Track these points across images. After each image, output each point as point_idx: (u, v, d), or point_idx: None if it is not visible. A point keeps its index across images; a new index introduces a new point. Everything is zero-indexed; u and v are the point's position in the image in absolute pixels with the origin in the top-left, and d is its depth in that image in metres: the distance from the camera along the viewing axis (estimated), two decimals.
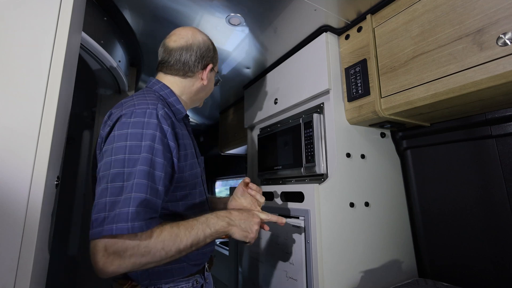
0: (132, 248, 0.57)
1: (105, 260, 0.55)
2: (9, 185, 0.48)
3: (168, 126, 0.69)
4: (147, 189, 0.60)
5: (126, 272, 0.60)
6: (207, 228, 0.69)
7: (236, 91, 1.83)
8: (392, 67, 0.91)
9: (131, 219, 0.56)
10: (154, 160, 0.63)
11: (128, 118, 0.66)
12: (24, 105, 0.52)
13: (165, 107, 0.74)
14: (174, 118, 0.77)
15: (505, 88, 0.70)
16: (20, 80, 0.52)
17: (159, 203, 0.63)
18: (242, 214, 0.77)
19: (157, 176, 0.63)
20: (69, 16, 0.58)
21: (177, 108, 0.82)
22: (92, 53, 1.01)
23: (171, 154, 0.69)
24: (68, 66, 0.60)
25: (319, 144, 1.10)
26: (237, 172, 2.77)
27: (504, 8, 0.65)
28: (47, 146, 0.52)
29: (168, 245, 0.61)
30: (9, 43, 0.52)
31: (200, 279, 0.82)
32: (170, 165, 0.68)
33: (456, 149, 1.05)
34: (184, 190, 0.77)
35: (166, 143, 0.68)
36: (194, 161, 0.82)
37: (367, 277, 0.99)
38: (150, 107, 0.69)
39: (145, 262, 0.59)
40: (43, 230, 0.54)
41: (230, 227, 0.73)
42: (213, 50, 0.92)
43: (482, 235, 0.97)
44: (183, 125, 0.87)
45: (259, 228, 0.78)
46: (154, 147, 0.64)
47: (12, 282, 0.46)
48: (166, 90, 0.83)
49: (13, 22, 0.53)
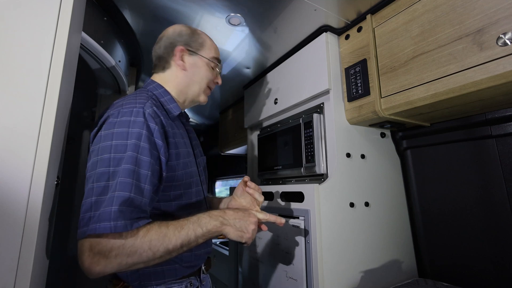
0: (117, 248, 0.56)
1: (91, 260, 0.55)
2: (9, 185, 0.48)
3: (156, 125, 0.68)
4: (131, 188, 0.59)
5: (114, 272, 0.59)
6: (198, 228, 0.66)
7: (236, 91, 1.83)
8: (392, 67, 0.91)
9: (113, 218, 0.55)
10: (139, 158, 0.62)
11: (115, 118, 0.66)
12: (24, 105, 0.52)
13: (156, 106, 0.73)
14: (167, 117, 0.77)
15: (505, 88, 0.70)
16: (20, 80, 0.52)
17: (146, 202, 0.62)
18: (237, 213, 0.73)
19: (142, 174, 0.62)
20: (69, 16, 0.58)
21: (170, 107, 0.81)
22: (92, 53, 1.01)
23: (158, 152, 0.68)
24: (68, 66, 0.60)
25: (319, 144, 1.10)
26: (237, 172, 2.77)
27: (504, 8, 0.65)
28: (47, 146, 0.52)
29: (156, 245, 0.60)
30: (9, 43, 0.52)
31: (195, 281, 0.80)
32: (157, 163, 0.67)
33: (456, 149, 1.05)
34: (178, 189, 0.75)
35: (153, 142, 0.67)
36: (190, 160, 0.80)
37: (367, 277, 0.99)
38: (137, 105, 0.68)
39: (132, 262, 0.58)
40: (43, 230, 0.54)
41: (223, 226, 0.70)
42: (188, 34, 0.87)
43: (482, 235, 0.97)
44: (179, 124, 0.86)
45: (256, 228, 0.75)
46: (140, 146, 0.63)
47: (12, 282, 0.46)
48: (160, 90, 0.83)
49: (13, 22, 0.53)
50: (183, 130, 0.88)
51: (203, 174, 0.91)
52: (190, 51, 0.86)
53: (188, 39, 0.87)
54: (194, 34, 0.88)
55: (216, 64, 0.90)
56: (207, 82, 0.88)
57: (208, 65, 0.88)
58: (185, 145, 0.82)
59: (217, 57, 0.91)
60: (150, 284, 0.72)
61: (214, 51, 0.90)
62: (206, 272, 0.87)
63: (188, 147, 0.84)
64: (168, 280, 0.74)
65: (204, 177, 0.91)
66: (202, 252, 0.81)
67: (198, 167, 0.88)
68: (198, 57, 0.86)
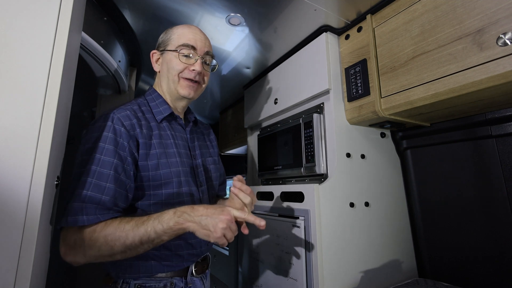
0: (80, 240, 0.62)
1: (64, 250, 0.63)
2: (9, 185, 0.48)
3: (122, 127, 0.72)
4: (90, 186, 0.64)
5: (86, 262, 0.65)
6: (158, 224, 0.64)
7: (236, 91, 1.83)
8: (392, 67, 0.91)
9: (73, 213, 0.62)
10: (102, 159, 0.67)
11: (92, 125, 0.73)
12: (24, 105, 0.52)
13: (135, 110, 0.79)
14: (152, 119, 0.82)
15: (505, 88, 0.70)
16: (20, 80, 0.52)
17: (107, 200, 0.66)
18: (207, 210, 0.66)
19: (104, 174, 0.66)
20: (69, 16, 0.58)
21: (159, 110, 0.85)
22: (92, 53, 1.01)
23: (125, 152, 0.71)
24: (68, 66, 0.60)
25: (319, 144, 1.10)
26: (237, 172, 2.76)
27: (504, 8, 0.65)
28: (47, 146, 0.52)
29: (112, 240, 0.62)
30: (9, 43, 0.52)
31: (178, 282, 0.79)
32: (126, 163, 0.71)
33: (456, 149, 1.05)
34: (157, 189, 0.77)
35: (119, 143, 0.71)
36: (173, 160, 0.80)
37: (367, 277, 0.99)
38: (113, 111, 0.74)
39: (94, 254, 0.63)
40: (43, 230, 0.54)
41: (187, 223, 0.64)
42: (161, 37, 0.90)
43: (482, 235, 0.97)
44: (175, 126, 0.88)
45: (227, 227, 0.64)
46: (105, 148, 0.68)
47: (12, 282, 0.46)
48: (154, 94, 0.89)
49: (13, 22, 0.53)
50: (179, 131, 0.89)
51: (202, 175, 0.90)
52: (161, 51, 0.88)
53: (160, 41, 0.90)
54: (166, 33, 0.89)
55: (187, 50, 0.83)
56: (176, 74, 0.84)
57: (176, 57, 0.83)
58: (173, 145, 0.83)
59: (186, 43, 0.83)
60: (126, 277, 0.74)
61: (184, 38, 0.84)
62: (197, 275, 0.84)
63: (179, 147, 0.85)
64: (143, 275, 0.75)
65: (203, 178, 0.91)
66: (185, 253, 0.79)
67: (196, 169, 0.88)
68: (166, 53, 0.86)
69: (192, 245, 0.81)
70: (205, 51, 0.86)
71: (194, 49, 0.84)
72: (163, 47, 0.87)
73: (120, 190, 0.69)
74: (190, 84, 0.85)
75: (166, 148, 0.81)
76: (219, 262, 1.71)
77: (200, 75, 0.86)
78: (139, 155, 0.75)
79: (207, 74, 0.91)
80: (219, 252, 1.62)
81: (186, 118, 0.97)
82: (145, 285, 0.75)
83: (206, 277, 0.92)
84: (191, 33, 0.85)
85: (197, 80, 0.86)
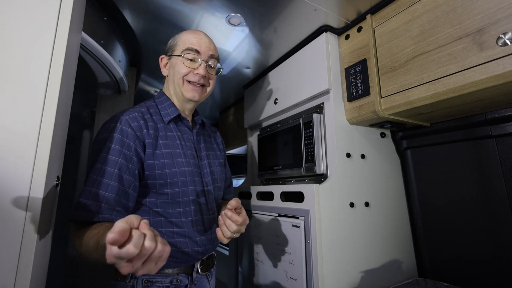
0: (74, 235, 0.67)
1: (73, 241, 0.67)
2: (9, 185, 0.48)
3: (129, 128, 0.75)
4: (95, 183, 0.67)
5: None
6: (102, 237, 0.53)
7: (236, 91, 1.83)
8: (392, 67, 0.91)
9: (76, 209, 0.66)
10: (108, 158, 0.70)
11: (102, 126, 0.77)
12: (24, 105, 0.52)
13: (143, 113, 0.82)
14: (160, 121, 0.85)
15: (505, 88, 0.70)
16: (20, 80, 0.52)
17: (111, 197, 0.68)
18: None
19: (108, 172, 0.69)
20: (69, 16, 0.58)
21: (167, 112, 0.88)
22: (92, 53, 1.01)
23: (131, 152, 0.74)
24: (68, 66, 0.60)
25: (319, 144, 1.10)
26: (237, 172, 2.77)
27: (504, 8, 0.65)
28: (47, 146, 0.52)
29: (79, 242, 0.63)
30: (9, 43, 0.52)
31: (184, 279, 0.80)
32: (131, 162, 0.74)
33: (456, 149, 1.05)
34: (163, 188, 0.79)
35: (127, 143, 0.74)
36: (179, 161, 0.83)
37: (367, 277, 0.99)
38: (123, 113, 0.78)
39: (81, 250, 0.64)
40: (43, 230, 0.54)
41: None
42: (169, 42, 0.93)
43: (482, 235, 0.97)
44: (182, 128, 0.90)
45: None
46: (111, 147, 0.71)
47: (12, 282, 0.46)
48: (162, 97, 0.91)
49: (13, 22, 0.53)
50: (186, 133, 0.91)
51: (208, 176, 0.91)
52: (168, 56, 0.91)
53: (168, 46, 0.93)
54: (174, 38, 0.92)
55: (192, 54, 0.85)
56: (181, 77, 0.86)
57: (182, 61, 0.86)
58: (179, 146, 0.85)
59: (190, 47, 0.85)
60: None
61: (188, 43, 0.86)
62: (202, 273, 0.86)
63: (185, 148, 0.87)
64: None
65: (208, 179, 0.91)
66: (190, 250, 0.81)
67: (202, 169, 0.90)
68: (172, 57, 0.89)
69: (197, 243, 0.83)
70: (210, 54, 0.88)
71: (198, 53, 0.87)
72: (170, 52, 0.90)
73: (124, 188, 0.71)
74: (194, 87, 0.88)
75: (172, 148, 0.83)
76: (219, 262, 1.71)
77: (205, 79, 0.88)
78: (146, 155, 0.77)
79: (213, 77, 0.92)
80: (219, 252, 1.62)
81: (193, 120, 0.99)
82: (152, 280, 0.77)
83: (211, 275, 0.93)
84: (195, 38, 0.88)
85: (201, 83, 0.88)
